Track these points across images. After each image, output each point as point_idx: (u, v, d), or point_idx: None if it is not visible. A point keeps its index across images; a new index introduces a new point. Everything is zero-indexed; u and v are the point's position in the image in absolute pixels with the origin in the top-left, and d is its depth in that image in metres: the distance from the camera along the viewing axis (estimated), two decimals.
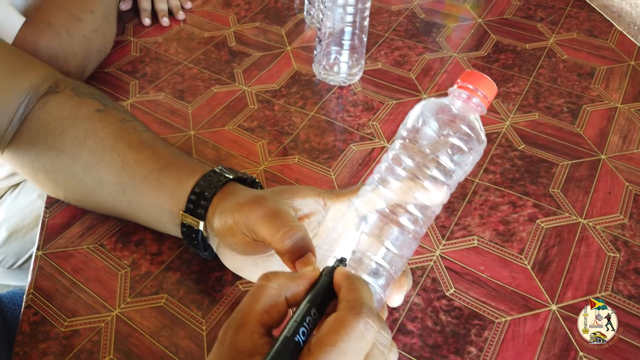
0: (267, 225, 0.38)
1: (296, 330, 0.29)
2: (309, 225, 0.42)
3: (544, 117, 0.66)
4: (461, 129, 0.37)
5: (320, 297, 0.31)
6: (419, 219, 0.37)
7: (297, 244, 0.36)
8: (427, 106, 0.38)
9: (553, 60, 0.75)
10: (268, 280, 0.31)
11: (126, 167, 0.47)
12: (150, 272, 0.49)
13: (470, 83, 0.38)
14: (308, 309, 0.30)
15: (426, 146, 0.37)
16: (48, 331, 0.45)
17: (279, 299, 0.31)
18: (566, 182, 0.58)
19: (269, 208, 0.39)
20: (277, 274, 0.32)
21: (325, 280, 0.32)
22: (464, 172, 0.38)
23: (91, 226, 0.53)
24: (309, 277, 0.32)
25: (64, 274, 0.49)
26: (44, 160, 0.50)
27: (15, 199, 0.82)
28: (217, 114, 0.66)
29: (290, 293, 0.31)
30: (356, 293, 0.30)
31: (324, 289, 0.32)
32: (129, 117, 0.51)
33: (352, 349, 0.28)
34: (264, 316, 0.30)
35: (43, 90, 0.51)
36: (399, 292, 0.38)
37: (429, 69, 0.74)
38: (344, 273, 0.32)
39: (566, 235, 0.53)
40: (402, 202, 0.36)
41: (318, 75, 0.71)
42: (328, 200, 0.42)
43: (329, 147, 0.62)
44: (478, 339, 0.45)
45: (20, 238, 0.81)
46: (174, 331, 0.45)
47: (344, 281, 0.31)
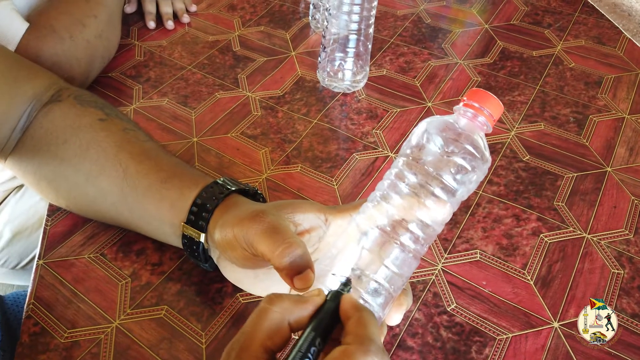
0: (266, 241, 0.38)
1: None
2: (309, 241, 0.42)
3: (549, 127, 0.66)
4: (465, 148, 0.36)
5: (324, 325, 0.31)
6: (420, 238, 0.36)
7: (296, 261, 0.36)
8: (432, 124, 0.38)
9: (560, 68, 0.74)
10: (272, 304, 0.31)
11: (128, 178, 0.47)
12: (150, 282, 0.49)
13: (476, 101, 0.37)
14: (313, 338, 0.30)
15: (429, 164, 0.36)
16: (48, 342, 0.45)
17: (282, 324, 0.31)
18: (571, 195, 0.58)
19: (269, 223, 0.38)
20: (281, 297, 0.31)
21: (331, 307, 0.32)
22: (467, 191, 0.37)
23: (92, 235, 0.53)
24: (313, 302, 0.32)
25: (64, 284, 0.49)
26: (46, 169, 0.50)
27: (20, 200, 0.82)
28: (220, 121, 0.66)
29: (294, 318, 0.31)
30: (365, 328, 0.30)
31: (328, 315, 0.32)
32: (132, 126, 0.51)
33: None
34: (266, 341, 0.30)
35: (46, 99, 0.51)
36: (398, 311, 0.37)
37: (434, 76, 0.73)
38: (352, 303, 0.32)
39: (570, 251, 0.52)
40: (403, 219, 0.36)
41: (322, 82, 0.71)
42: (329, 216, 0.41)
43: (332, 155, 0.62)
44: (479, 356, 0.45)
45: (24, 239, 0.81)
46: (173, 344, 0.45)
47: (352, 311, 0.31)
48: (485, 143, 0.38)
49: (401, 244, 0.36)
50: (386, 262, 0.35)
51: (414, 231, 0.36)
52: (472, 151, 0.36)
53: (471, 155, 0.36)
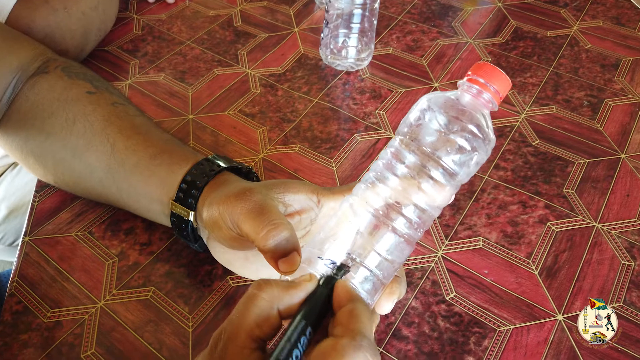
0: (251, 222, 0.35)
1: (289, 353, 0.27)
2: (301, 223, 0.40)
3: (562, 111, 0.62)
4: (467, 128, 0.34)
5: (316, 312, 0.29)
6: (414, 222, 0.34)
7: (281, 244, 0.34)
8: (432, 100, 0.35)
9: (575, 50, 0.71)
10: (260, 290, 0.29)
11: (116, 153, 0.45)
12: (138, 262, 0.48)
13: (481, 76, 0.35)
14: (303, 327, 0.28)
15: (428, 144, 0.34)
16: (30, 322, 0.43)
17: (271, 312, 0.29)
18: (582, 182, 0.55)
19: (255, 203, 0.36)
20: (269, 283, 0.30)
21: (323, 293, 0.30)
22: (467, 174, 0.35)
23: (81, 212, 0.51)
24: (304, 288, 0.30)
25: (49, 262, 0.47)
26: (33, 144, 0.48)
27: (16, 177, 0.81)
28: (217, 98, 0.64)
29: (283, 305, 0.29)
30: (358, 322, 0.28)
31: (321, 302, 0.30)
32: (122, 100, 0.49)
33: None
34: (254, 330, 0.28)
35: (32, 70, 0.49)
36: (389, 300, 0.35)
37: (442, 56, 0.70)
38: (346, 291, 0.30)
39: (578, 240, 0.50)
40: (398, 202, 0.33)
41: (325, 59, 0.68)
42: (322, 198, 0.39)
43: (332, 136, 0.59)
44: (477, 347, 0.43)
45: (20, 216, 0.80)
46: (159, 327, 0.43)
47: (346, 302, 0.29)
48: (489, 122, 0.35)
49: (394, 228, 0.33)
50: (377, 248, 0.33)
51: (409, 215, 0.34)
52: (474, 131, 0.34)
53: (473, 135, 0.34)
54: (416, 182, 0.33)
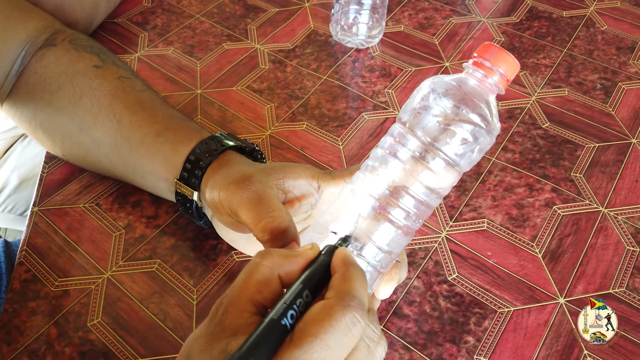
0: (249, 213, 0.36)
1: (284, 313, 0.27)
2: (301, 209, 0.39)
3: (574, 94, 0.61)
4: (469, 117, 0.32)
5: (316, 279, 0.29)
6: (412, 213, 0.34)
7: (280, 235, 0.34)
8: (434, 85, 0.34)
9: (591, 31, 0.69)
10: (262, 258, 0.30)
11: (122, 129, 0.45)
12: (144, 235, 0.48)
13: (487, 59, 0.34)
14: (300, 290, 0.28)
15: (427, 133, 0.33)
16: (38, 290, 0.44)
17: (271, 277, 0.29)
18: (590, 166, 0.54)
19: (254, 193, 0.36)
20: (271, 252, 0.30)
21: (324, 261, 0.30)
22: (469, 163, 0.34)
23: (89, 184, 0.52)
24: (305, 255, 0.30)
25: (58, 233, 0.48)
26: (41, 117, 0.49)
27: (26, 148, 0.82)
28: (226, 73, 0.64)
29: (284, 271, 0.29)
30: (348, 283, 0.28)
31: (321, 269, 0.30)
32: (128, 74, 0.49)
33: (335, 343, 0.26)
34: (255, 295, 0.29)
35: (40, 42, 0.49)
36: (388, 285, 0.35)
37: (455, 35, 0.69)
38: (343, 256, 0.30)
39: (584, 225, 0.50)
40: (396, 191, 0.33)
41: (335, 36, 0.67)
42: (323, 183, 0.39)
43: (340, 114, 0.59)
44: (477, 328, 0.43)
45: (31, 186, 0.81)
46: (164, 298, 0.44)
47: (340, 266, 0.29)
48: (494, 109, 0.34)
49: (392, 220, 0.33)
50: (375, 239, 0.33)
51: (407, 205, 0.33)
52: (477, 120, 0.33)
53: (476, 125, 0.33)
54: (414, 173, 0.33)
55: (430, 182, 0.33)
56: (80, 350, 0.41)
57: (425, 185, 0.33)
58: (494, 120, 0.33)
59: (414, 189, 0.33)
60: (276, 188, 0.38)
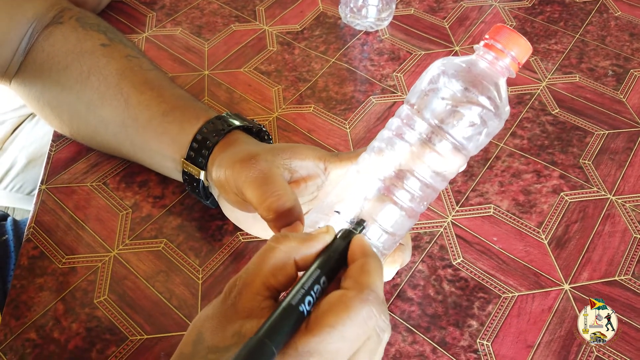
0: (255, 191, 0.36)
1: (302, 299, 0.27)
2: (307, 189, 0.39)
3: (585, 80, 0.61)
4: (478, 100, 0.32)
5: (332, 263, 0.29)
6: (417, 196, 0.33)
7: (284, 214, 0.34)
8: (444, 66, 0.34)
9: (604, 17, 0.68)
10: (278, 243, 0.29)
11: (129, 108, 0.45)
12: (151, 215, 0.49)
13: (499, 41, 0.33)
14: (318, 276, 0.28)
15: (435, 115, 0.32)
16: (46, 266, 0.45)
17: (287, 261, 0.29)
18: (599, 153, 0.54)
19: (260, 171, 0.36)
20: (288, 236, 0.30)
21: (340, 245, 0.30)
22: (476, 147, 0.34)
23: (96, 163, 0.52)
24: (322, 239, 0.30)
25: (65, 210, 0.48)
26: (49, 96, 0.49)
27: (35, 127, 0.82)
28: (233, 54, 0.63)
29: (300, 255, 0.29)
30: (368, 276, 0.28)
31: (337, 254, 0.30)
32: (135, 53, 0.49)
33: (351, 335, 0.26)
34: (270, 279, 0.29)
35: (47, 20, 0.49)
36: (391, 267, 0.36)
37: (465, 18, 0.68)
38: (362, 245, 0.30)
39: (591, 212, 0.49)
40: (402, 173, 0.33)
41: (344, 18, 0.67)
42: (329, 165, 0.39)
43: (348, 97, 0.59)
44: (481, 312, 0.43)
45: (39, 165, 0.82)
46: (169, 277, 0.45)
47: (359, 256, 0.29)
48: (504, 92, 0.33)
49: (397, 201, 0.33)
50: (379, 220, 0.33)
51: (412, 187, 0.33)
52: (485, 103, 0.32)
53: (484, 107, 0.32)
54: (421, 155, 0.33)
55: (436, 165, 0.33)
56: (87, 326, 0.42)
57: (432, 168, 0.33)
58: (503, 103, 0.33)
59: (420, 172, 0.33)
60: (282, 168, 0.38)
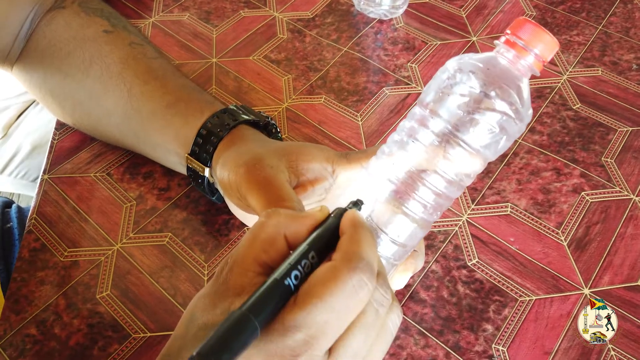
0: (258, 199, 0.34)
1: (287, 272, 0.26)
2: (314, 193, 0.38)
3: (608, 74, 0.58)
4: (496, 105, 0.29)
5: (323, 241, 0.28)
6: (429, 206, 0.31)
7: None
8: (460, 65, 0.31)
9: (629, 8, 0.65)
10: (268, 218, 0.28)
11: (132, 99, 0.44)
12: (156, 207, 0.47)
13: (522, 37, 0.30)
14: (306, 251, 0.27)
15: (449, 120, 0.30)
16: (47, 260, 0.44)
17: (277, 236, 0.28)
18: (622, 151, 0.52)
19: (263, 178, 0.35)
20: (277, 211, 0.29)
21: (333, 223, 0.29)
22: (494, 153, 0.32)
23: (100, 153, 0.51)
24: (313, 217, 0.29)
25: (68, 202, 0.47)
26: (51, 83, 0.47)
27: (39, 113, 0.81)
28: (242, 41, 0.61)
29: (290, 231, 0.28)
30: (356, 245, 0.27)
31: (329, 232, 0.28)
32: (139, 40, 0.47)
33: (340, 306, 0.25)
34: (261, 255, 0.27)
35: (49, 4, 0.47)
36: (402, 275, 0.34)
37: (483, 7, 0.65)
38: (352, 218, 0.28)
39: (613, 212, 0.47)
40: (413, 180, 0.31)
41: (357, 5, 0.64)
42: (337, 167, 0.37)
43: (360, 88, 0.57)
44: (496, 316, 0.42)
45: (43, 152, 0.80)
46: (174, 272, 0.43)
47: (348, 228, 0.28)
48: (527, 94, 0.31)
49: (406, 213, 0.31)
50: (389, 233, 0.31)
51: (424, 195, 0.31)
52: (505, 109, 0.30)
53: (504, 114, 0.30)
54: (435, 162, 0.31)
55: (450, 172, 0.31)
56: (89, 322, 0.41)
57: (445, 175, 0.31)
58: (525, 108, 0.30)
59: (433, 179, 0.31)
60: (288, 172, 0.36)
